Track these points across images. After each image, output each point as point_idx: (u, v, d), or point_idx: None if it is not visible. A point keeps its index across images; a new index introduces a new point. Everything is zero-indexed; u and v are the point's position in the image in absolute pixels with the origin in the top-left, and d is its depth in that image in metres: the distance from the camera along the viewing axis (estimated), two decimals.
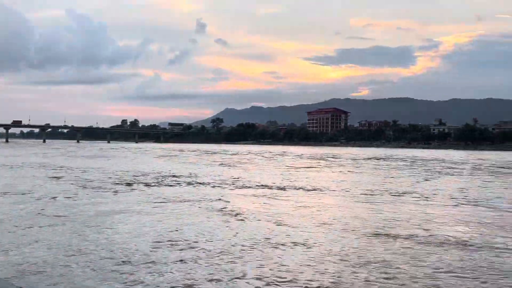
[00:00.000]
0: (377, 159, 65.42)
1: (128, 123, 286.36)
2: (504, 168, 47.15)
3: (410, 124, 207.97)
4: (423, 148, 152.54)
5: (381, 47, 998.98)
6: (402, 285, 8.65)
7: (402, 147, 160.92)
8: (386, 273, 9.30)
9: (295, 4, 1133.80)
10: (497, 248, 11.45)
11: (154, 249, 10.80)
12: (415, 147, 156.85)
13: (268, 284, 8.57)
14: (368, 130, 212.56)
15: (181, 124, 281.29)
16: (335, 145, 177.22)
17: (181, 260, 9.93)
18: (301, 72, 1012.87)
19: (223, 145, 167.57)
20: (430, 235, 12.77)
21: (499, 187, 26.90)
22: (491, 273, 9.37)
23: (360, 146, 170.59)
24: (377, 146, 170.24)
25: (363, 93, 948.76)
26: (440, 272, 9.42)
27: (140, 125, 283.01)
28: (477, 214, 16.65)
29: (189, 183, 26.48)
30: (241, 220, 14.87)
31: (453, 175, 36.71)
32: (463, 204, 19.34)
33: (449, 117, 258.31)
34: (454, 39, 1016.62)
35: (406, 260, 10.28)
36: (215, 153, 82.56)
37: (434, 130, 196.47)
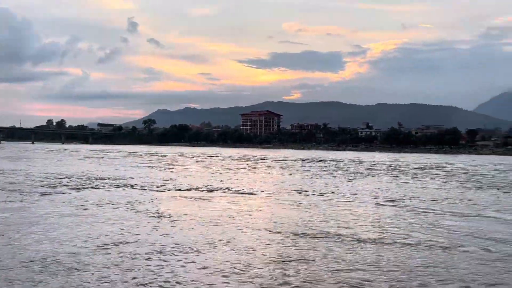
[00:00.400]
0: (307, 161, 67.11)
1: (55, 123, 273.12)
2: (419, 169, 50.12)
3: (339, 127, 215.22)
4: (352, 150, 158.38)
5: (312, 52, 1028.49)
6: (319, 280, 9.03)
7: (332, 149, 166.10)
8: (304, 269, 9.67)
9: (228, 6, 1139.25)
10: (409, 244, 12.25)
11: (74, 254, 10.49)
12: (344, 150, 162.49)
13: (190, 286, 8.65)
14: (300, 132, 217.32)
15: (111, 125, 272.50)
16: (268, 147, 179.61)
17: (104, 264, 9.74)
18: (235, 74, 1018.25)
19: (155, 146, 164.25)
20: (349, 233, 13.38)
21: (414, 188, 28.52)
22: (400, 268, 10.02)
23: (292, 148, 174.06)
24: (308, 148, 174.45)
25: (296, 96, 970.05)
26: (356, 267, 9.93)
27: (67, 126, 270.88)
28: (392, 214, 17.63)
29: (115, 186, 25.81)
30: (169, 222, 14.77)
31: (373, 176, 38.48)
32: (380, 203, 20.39)
33: (376, 121, 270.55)
34: (381, 46, 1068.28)
35: (325, 256, 10.74)
36: (146, 154, 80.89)
37: (361, 133, 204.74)
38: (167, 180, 29.73)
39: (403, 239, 12.78)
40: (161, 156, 76.36)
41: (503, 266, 10.29)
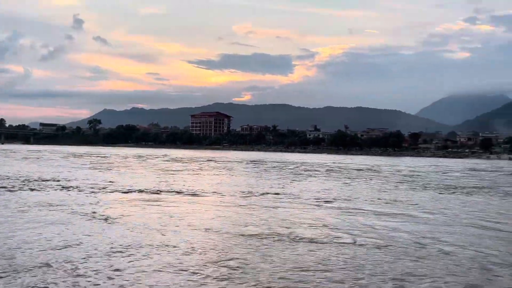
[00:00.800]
0: (255, 162, 67.55)
1: None
2: (361, 171, 51.76)
3: (288, 129, 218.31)
4: (300, 152, 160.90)
5: (262, 54, 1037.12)
6: (255, 280, 9.21)
7: (281, 151, 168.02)
8: (241, 269, 9.85)
9: (178, 6, 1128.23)
10: (343, 243, 12.71)
11: (11, 259, 10.11)
12: (293, 151, 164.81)
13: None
14: (250, 134, 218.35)
15: (54, 125, 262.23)
16: (218, 149, 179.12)
17: (39, 268, 9.46)
18: (185, 75, 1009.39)
19: (100, 147, 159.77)
20: (288, 233, 13.68)
21: (353, 189, 29.46)
22: (333, 265, 10.40)
23: (242, 149, 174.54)
24: (258, 150, 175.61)
25: (246, 98, 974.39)
26: (291, 266, 10.20)
27: (7, 125, 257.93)
28: (330, 214, 18.16)
29: (54, 188, 24.92)
30: (109, 224, 14.55)
31: (316, 177, 39.42)
32: (320, 204, 20.96)
33: (323, 124, 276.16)
34: (328, 50, 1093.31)
35: (263, 256, 10.95)
36: (89, 155, 78.47)
37: (310, 135, 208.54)
38: (110, 182, 29.06)
39: (337, 238, 13.22)
40: (105, 157, 74.40)
41: (429, 263, 10.87)
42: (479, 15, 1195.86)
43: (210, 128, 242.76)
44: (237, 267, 10.02)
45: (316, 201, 21.69)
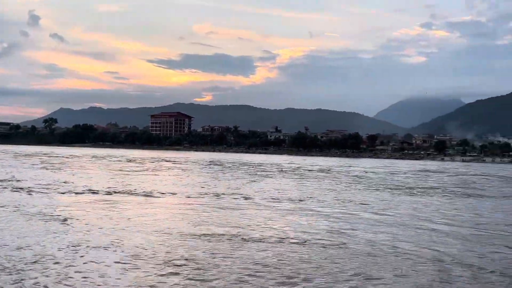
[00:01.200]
0: (215, 163, 67.30)
1: None
2: (318, 171, 52.58)
3: (250, 130, 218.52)
4: (261, 153, 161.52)
5: (224, 55, 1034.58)
6: (204, 279, 9.29)
7: (242, 152, 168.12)
8: (190, 268, 9.91)
9: (138, 4, 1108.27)
10: (293, 243, 12.99)
11: None
12: (254, 152, 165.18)
13: None
14: (211, 135, 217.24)
15: (8, 124, 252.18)
16: (178, 149, 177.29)
17: None
18: (145, 74, 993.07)
19: (56, 147, 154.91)
20: (240, 233, 13.84)
21: (307, 189, 29.99)
22: (280, 263, 10.60)
23: (203, 150, 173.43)
24: (219, 150, 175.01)
25: (207, 98, 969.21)
26: (241, 265, 10.34)
27: None
28: (283, 214, 18.46)
29: (3, 188, 23.97)
30: (61, 225, 14.29)
31: (272, 177, 39.93)
32: (273, 204, 21.25)
33: (284, 125, 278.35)
34: (289, 52, 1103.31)
35: (211, 254, 11.04)
36: (43, 155, 75.88)
37: (271, 136, 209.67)
38: (63, 183, 28.31)
39: (287, 238, 13.48)
40: (59, 157, 72.16)
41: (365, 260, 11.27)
42: (435, 21, 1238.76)
43: (170, 128, 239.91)
44: (185, 265, 10.08)
45: (270, 202, 21.93)
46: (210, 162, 70.98)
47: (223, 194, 24.77)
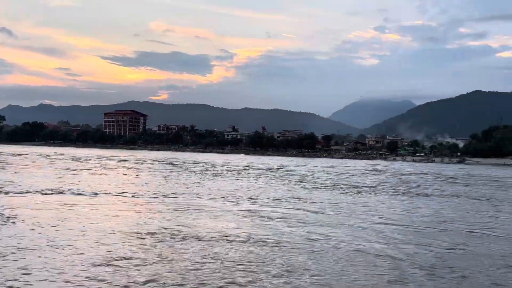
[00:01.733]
0: (169, 162, 66.15)
1: None
2: (270, 170, 52.54)
3: (206, 129, 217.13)
4: (218, 152, 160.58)
5: (180, 53, 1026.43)
6: (148, 279, 9.24)
7: (199, 151, 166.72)
8: (134, 268, 9.87)
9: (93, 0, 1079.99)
10: (236, 241, 13.06)
11: None
12: (210, 152, 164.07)
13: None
14: (167, 134, 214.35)
15: None
16: (133, 148, 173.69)
17: None
18: (98, 71, 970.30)
19: (3, 145, 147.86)
20: (185, 232, 13.81)
21: (257, 188, 30.11)
22: (225, 261, 10.69)
23: (158, 149, 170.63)
24: (175, 150, 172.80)
25: (163, 97, 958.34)
26: (180, 262, 10.39)
27: None
28: (230, 213, 18.44)
29: None
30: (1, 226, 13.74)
31: (225, 177, 39.80)
32: (222, 203, 21.25)
33: (241, 124, 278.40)
34: (246, 52, 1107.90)
35: (154, 254, 11.01)
36: None
37: (228, 136, 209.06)
38: (7, 182, 26.64)
39: (232, 235, 13.57)
40: (6, 155, 68.51)
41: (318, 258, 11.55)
42: (388, 24, 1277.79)
43: (124, 127, 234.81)
44: (126, 265, 9.99)
45: (217, 201, 21.87)
46: (163, 161, 69.79)
47: (174, 193, 24.47)
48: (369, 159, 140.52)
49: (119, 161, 63.61)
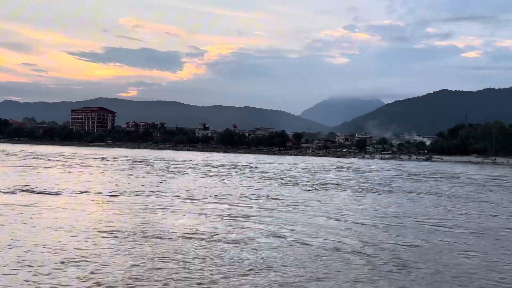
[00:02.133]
0: (137, 160, 65.46)
1: None
2: (236, 168, 52.73)
3: (177, 127, 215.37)
4: (189, 150, 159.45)
5: (150, 49, 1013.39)
6: (103, 278, 9.22)
7: (169, 149, 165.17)
8: (88, 267, 9.83)
9: None
10: (199, 238, 13.14)
11: None
12: (181, 149, 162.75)
13: None
14: (136, 131, 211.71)
15: None
16: (101, 146, 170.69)
17: None
18: (65, 67, 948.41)
19: None
20: (151, 229, 13.83)
21: (222, 186, 30.24)
22: (186, 259, 10.74)
23: (127, 147, 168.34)
24: (145, 147, 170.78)
25: (132, 94, 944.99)
26: (140, 259, 10.38)
27: None
28: (193, 210, 18.50)
29: None
30: None
31: (192, 174, 39.72)
32: (186, 200, 21.28)
33: (212, 122, 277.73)
34: (217, 49, 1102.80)
35: (113, 251, 10.98)
36: None
37: (199, 133, 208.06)
38: None
39: (195, 233, 13.63)
40: None
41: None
42: (357, 24, 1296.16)
43: (92, 124, 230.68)
44: (82, 264, 9.95)
45: (181, 198, 21.85)
46: (131, 159, 68.86)
47: (135, 191, 24.25)
48: (338, 156, 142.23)
49: (85, 159, 62.48)
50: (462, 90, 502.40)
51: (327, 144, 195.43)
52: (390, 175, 49.29)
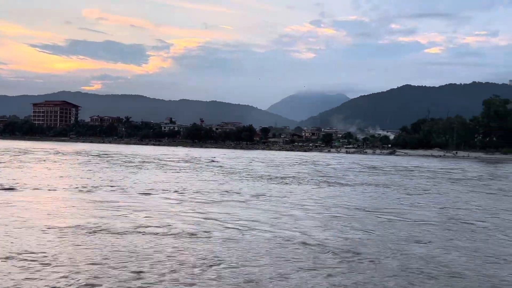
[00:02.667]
0: (100, 155, 64.43)
1: None
2: (202, 162, 52.94)
3: (142, 121, 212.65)
4: (155, 145, 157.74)
5: (114, 42, 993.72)
6: (52, 271, 9.21)
7: (135, 143, 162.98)
8: (39, 260, 9.77)
9: None
10: (155, 233, 13.18)
11: None
12: (147, 144, 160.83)
13: None
14: (100, 125, 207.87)
15: None
16: (64, 141, 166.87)
17: None
18: (26, 59, 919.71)
19: None
20: (103, 224, 13.77)
21: (182, 179, 30.25)
22: (140, 254, 10.80)
23: (92, 142, 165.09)
24: (110, 142, 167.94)
25: (96, 87, 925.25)
26: (92, 255, 10.42)
27: None
28: (151, 205, 18.56)
29: None
30: None
31: (151, 169, 39.58)
32: (145, 195, 21.31)
33: (179, 116, 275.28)
34: (184, 42, 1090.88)
35: (63, 248, 10.96)
36: None
37: (165, 128, 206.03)
38: None
39: (151, 227, 13.67)
40: None
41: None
42: (323, 19, 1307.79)
43: (55, 118, 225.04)
44: (31, 260, 9.88)
45: (140, 193, 21.79)
46: (94, 154, 67.65)
47: (92, 187, 23.99)
48: (305, 151, 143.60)
49: (45, 154, 60.98)
50: (425, 85, 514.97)
51: (294, 139, 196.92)
52: (353, 168, 50.26)
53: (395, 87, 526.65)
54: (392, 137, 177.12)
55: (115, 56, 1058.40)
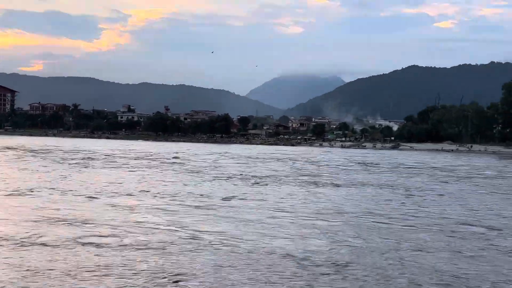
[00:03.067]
0: (39, 151, 63.87)
1: None
2: (163, 160, 52.66)
3: (94, 109, 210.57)
4: (109, 138, 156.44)
5: (59, 12, 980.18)
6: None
7: (84, 136, 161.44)
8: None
9: None
10: (102, 243, 13.13)
11: None
12: (99, 137, 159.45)
13: None
14: (42, 115, 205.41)
15: None
16: None
17: None
18: None
19: None
20: (34, 234, 13.66)
21: (137, 181, 30.22)
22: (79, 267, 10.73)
23: (31, 134, 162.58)
24: (54, 135, 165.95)
25: (36, 68, 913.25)
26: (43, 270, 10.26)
27: None
28: (95, 209, 18.62)
29: None
30: None
31: (101, 168, 39.78)
32: (89, 199, 21.50)
33: (139, 104, 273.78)
34: (144, 14, 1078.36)
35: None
36: None
37: (122, 117, 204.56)
38: None
39: (102, 237, 13.73)
40: None
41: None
42: None
43: None
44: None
45: (83, 197, 21.92)
46: (31, 149, 66.62)
47: (27, 189, 23.88)
48: (292, 145, 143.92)
49: None
50: (434, 66, 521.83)
51: (279, 130, 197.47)
52: (347, 167, 50.64)
53: (399, 68, 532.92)
54: (395, 128, 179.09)
55: (59, 30, 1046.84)
